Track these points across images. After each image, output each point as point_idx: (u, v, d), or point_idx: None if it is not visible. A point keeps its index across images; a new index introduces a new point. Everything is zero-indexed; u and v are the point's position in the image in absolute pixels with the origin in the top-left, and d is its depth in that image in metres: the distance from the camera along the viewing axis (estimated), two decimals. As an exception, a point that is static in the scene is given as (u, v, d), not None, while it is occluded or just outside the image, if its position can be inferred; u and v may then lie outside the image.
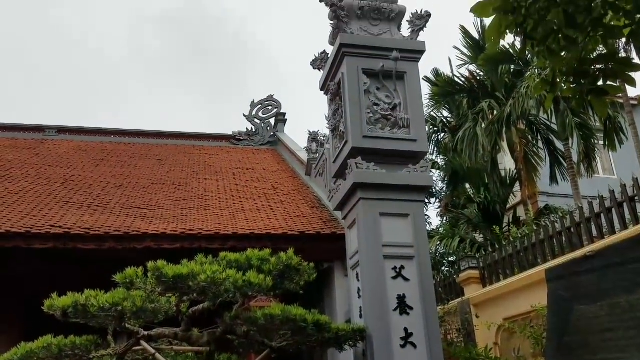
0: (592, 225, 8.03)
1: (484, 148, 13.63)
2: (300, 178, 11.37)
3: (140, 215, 7.93)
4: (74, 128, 13.50)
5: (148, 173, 10.78)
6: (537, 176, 15.09)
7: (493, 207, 14.84)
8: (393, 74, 6.75)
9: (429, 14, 6.95)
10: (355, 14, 7.00)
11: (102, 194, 8.86)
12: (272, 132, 14.80)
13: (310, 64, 7.91)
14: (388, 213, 6.13)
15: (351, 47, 6.80)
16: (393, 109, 6.74)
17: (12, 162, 10.39)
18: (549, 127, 15.10)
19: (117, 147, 12.89)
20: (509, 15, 3.34)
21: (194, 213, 8.47)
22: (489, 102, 14.46)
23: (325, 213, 8.90)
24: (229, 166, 12.21)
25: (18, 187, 8.72)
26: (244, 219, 8.38)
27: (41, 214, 7.48)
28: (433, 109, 17.07)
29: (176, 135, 14.54)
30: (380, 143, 6.52)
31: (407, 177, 6.32)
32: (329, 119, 7.49)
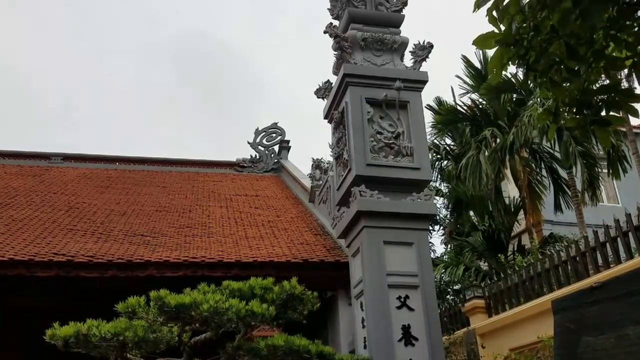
0: (597, 254, 7.97)
1: (488, 176, 13.63)
2: (303, 205, 11.37)
3: (143, 243, 7.92)
4: (79, 155, 13.60)
5: (152, 200, 10.80)
6: (541, 204, 15.04)
7: (497, 235, 14.76)
8: (396, 103, 6.83)
9: (431, 45, 7.06)
10: (359, 44, 7.11)
11: (106, 222, 8.87)
12: (276, 159, 14.87)
13: (314, 93, 8.00)
14: (392, 241, 6.12)
15: (354, 77, 6.89)
16: (396, 138, 6.80)
17: (17, 189, 10.45)
18: (553, 156, 15.12)
19: (121, 174, 12.95)
20: (510, 48, 3.38)
21: (197, 240, 8.45)
22: (492, 130, 14.52)
23: (329, 240, 8.86)
24: (232, 193, 12.23)
25: (23, 215, 8.74)
26: (247, 246, 8.35)
27: (45, 241, 7.48)
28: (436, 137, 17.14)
29: (181, 162, 14.62)
30: (384, 171, 6.55)
31: (411, 205, 6.33)
32: (333, 147, 7.55)
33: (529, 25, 3.32)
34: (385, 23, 7.24)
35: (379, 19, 7.23)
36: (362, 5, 7.26)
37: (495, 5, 3.32)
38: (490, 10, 3.34)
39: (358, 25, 7.18)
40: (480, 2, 3.25)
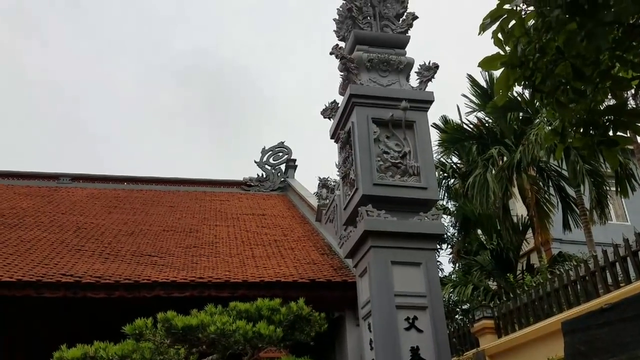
0: (607, 273, 7.90)
1: (495, 194, 13.58)
2: (310, 224, 11.36)
3: (150, 263, 7.93)
4: (87, 175, 13.70)
5: (159, 220, 10.83)
6: (549, 223, 14.93)
7: (506, 254, 14.65)
8: (402, 123, 6.86)
9: (437, 66, 7.10)
10: (365, 65, 7.17)
11: (114, 242, 8.89)
12: (283, 178, 14.90)
13: (321, 113, 8.06)
14: (400, 262, 6.09)
15: (361, 98, 6.94)
16: (403, 157, 6.81)
17: (26, 210, 10.52)
18: (560, 174, 15.06)
19: (129, 194, 13.02)
20: (516, 69, 3.40)
21: (204, 260, 8.45)
22: (499, 149, 14.50)
23: (336, 260, 8.83)
24: (239, 212, 12.25)
25: (31, 235, 8.79)
26: (254, 266, 8.34)
27: (53, 262, 7.50)
28: (442, 155, 17.13)
29: (188, 181, 14.68)
30: (391, 191, 6.55)
31: (419, 225, 6.31)
32: (340, 167, 7.57)
33: (535, 47, 3.34)
34: (391, 44, 7.30)
35: (385, 40, 7.30)
36: (367, 27, 7.34)
37: (500, 28, 3.34)
38: (496, 32, 3.36)
39: (364, 46, 7.25)
40: (486, 25, 3.28)
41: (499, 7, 3.27)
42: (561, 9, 3.18)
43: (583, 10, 3.16)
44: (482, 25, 3.30)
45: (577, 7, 3.16)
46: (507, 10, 3.28)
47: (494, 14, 3.27)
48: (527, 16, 3.39)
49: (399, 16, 7.47)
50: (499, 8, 3.26)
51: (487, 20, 3.27)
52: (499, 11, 3.27)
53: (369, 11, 7.42)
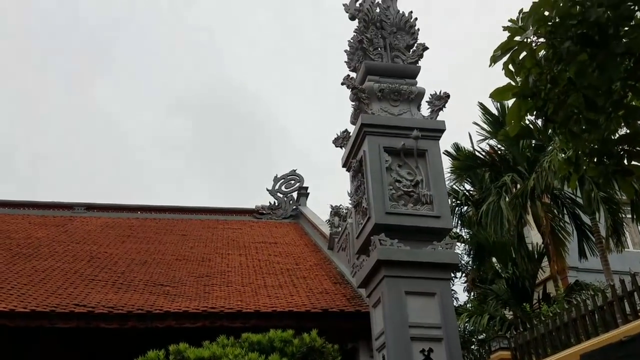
0: (625, 303, 7.74)
1: (509, 222, 13.45)
2: (322, 252, 11.30)
3: (163, 293, 7.92)
4: (102, 205, 13.82)
5: (172, 249, 10.85)
6: (565, 251, 14.72)
7: (522, 282, 14.42)
8: (414, 151, 6.86)
9: (448, 95, 7.14)
10: (376, 95, 7.23)
11: (127, 271, 8.91)
12: (295, 206, 14.91)
13: (333, 142, 8.10)
14: (414, 292, 6.02)
15: (372, 127, 6.97)
16: (415, 186, 6.79)
17: (40, 239, 10.60)
18: (575, 201, 14.90)
19: (143, 222, 13.09)
20: (528, 100, 3.41)
21: (216, 290, 8.42)
22: (512, 176, 14.43)
23: (349, 289, 8.75)
24: (251, 240, 12.24)
25: (45, 265, 8.84)
26: (266, 295, 8.29)
27: (66, 292, 7.53)
28: (455, 183, 17.06)
29: (201, 210, 14.75)
30: (404, 219, 6.52)
31: (432, 254, 6.25)
32: (352, 195, 7.56)
33: (546, 78, 3.35)
34: (402, 75, 7.37)
35: (395, 70, 7.37)
36: (378, 58, 7.43)
37: (511, 60, 3.37)
38: (507, 64, 3.39)
39: (375, 77, 7.32)
40: (496, 57, 3.30)
41: (509, 39, 3.29)
42: (572, 40, 3.20)
43: (594, 41, 3.18)
44: (493, 57, 3.33)
45: (587, 38, 3.18)
46: (517, 42, 3.30)
47: (504, 46, 3.30)
48: (537, 47, 3.41)
49: (409, 47, 7.55)
50: (509, 40, 3.29)
51: (497, 53, 3.29)
52: (510, 43, 3.30)
53: (380, 42, 7.51)
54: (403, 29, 7.63)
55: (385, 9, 7.80)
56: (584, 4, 3.19)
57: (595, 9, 3.14)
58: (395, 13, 7.76)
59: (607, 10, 3.12)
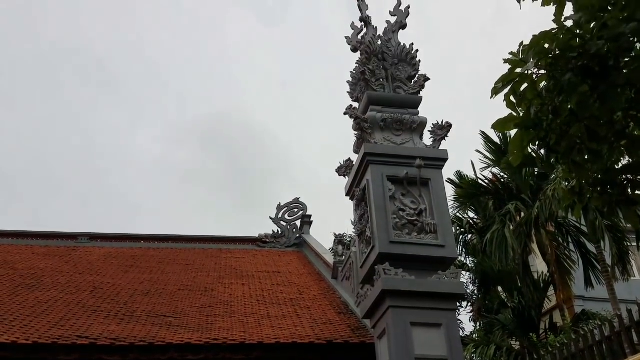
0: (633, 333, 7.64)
1: (514, 250, 13.38)
2: (326, 281, 11.21)
3: (165, 324, 7.84)
4: (105, 235, 13.80)
5: (175, 279, 10.78)
6: (571, 280, 14.60)
7: (528, 312, 14.26)
8: (417, 180, 6.88)
9: (450, 125, 7.20)
10: (378, 125, 7.29)
11: (130, 302, 8.84)
12: (298, 234, 14.86)
13: (336, 171, 8.14)
14: (419, 322, 5.95)
15: (375, 156, 7.01)
16: (419, 215, 6.79)
17: (44, 270, 10.56)
18: (579, 229, 14.84)
19: (146, 252, 13.04)
20: (530, 131, 3.44)
21: (219, 320, 8.33)
22: (516, 204, 14.40)
23: (353, 320, 8.65)
24: (254, 269, 12.16)
25: (48, 296, 8.79)
26: (270, 326, 8.20)
27: (69, 323, 7.46)
28: (458, 211, 17.03)
29: (204, 239, 14.69)
30: (408, 249, 6.49)
31: (438, 284, 6.21)
32: (355, 224, 7.56)
33: (548, 109, 3.40)
34: (404, 105, 7.45)
35: (398, 101, 7.46)
36: (380, 88, 7.53)
37: (512, 91, 3.42)
38: (508, 95, 3.43)
39: (377, 107, 7.40)
40: (498, 89, 3.35)
41: (510, 71, 3.35)
42: (573, 72, 3.25)
43: (594, 73, 3.23)
44: (494, 89, 3.38)
45: (588, 70, 3.23)
46: (519, 74, 3.36)
47: (505, 78, 3.35)
48: (538, 79, 3.46)
49: (410, 78, 7.66)
50: (510, 72, 3.34)
51: (499, 85, 3.34)
52: (511, 75, 3.35)
53: (382, 74, 7.63)
54: (404, 61, 7.75)
55: (386, 41, 7.93)
56: (584, 37, 3.25)
57: (595, 41, 3.19)
58: (396, 45, 7.89)
59: (607, 43, 3.18)
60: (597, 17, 3.23)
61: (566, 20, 3.33)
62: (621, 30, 3.09)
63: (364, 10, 8.31)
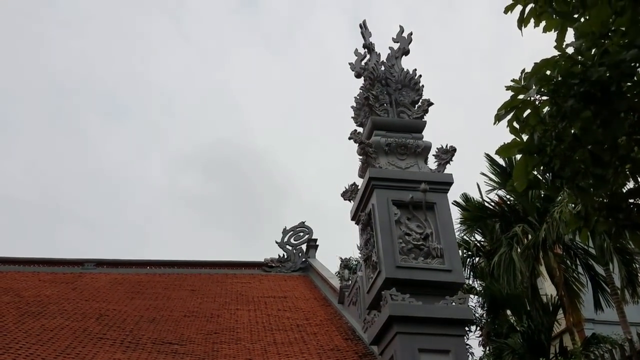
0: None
1: (522, 273, 13.25)
2: (332, 306, 11.12)
3: (171, 352, 7.78)
4: (111, 261, 13.78)
5: (180, 305, 10.73)
6: (580, 302, 14.43)
7: (537, 336, 14.05)
8: (422, 204, 6.88)
9: (454, 149, 7.23)
10: (383, 149, 7.33)
11: (135, 329, 8.79)
12: (304, 258, 14.79)
13: (341, 195, 8.15)
14: (427, 349, 5.89)
15: (380, 180, 7.03)
16: (425, 239, 6.77)
17: (50, 297, 10.54)
18: (587, 252, 14.71)
19: (152, 278, 13.00)
20: (534, 156, 3.46)
21: (224, 348, 8.26)
22: (522, 227, 14.32)
23: (361, 346, 8.55)
24: (260, 295, 12.08)
25: (54, 324, 8.75)
26: (276, 353, 8.11)
27: (74, 352, 7.42)
28: (465, 233, 16.94)
29: (209, 264, 14.64)
30: (415, 273, 6.46)
31: (445, 309, 6.15)
32: (361, 249, 7.54)
33: (551, 135, 3.42)
34: (408, 129, 7.50)
35: (402, 125, 7.51)
36: (384, 113, 7.59)
37: (515, 117, 3.44)
38: (511, 121, 3.46)
39: (381, 131, 7.45)
40: (500, 116, 3.38)
41: (513, 98, 3.38)
42: (575, 98, 3.28)
43: (597, 99, 3.26)
44: (497, 116, 3.40)
45: (590, 96, 3.26)
46: (521, 100, 3.39)
47: (508, 104, 3.39)
48: (541, 104, 3.49)
49: (414, 103, 7.72)
50: (513, 99, 3.38)
51: (502, 111, 3.37)
52: (514, 102, 3.38)
53: (385, 99, 7.70)
54: (408, 86, 7.82)
55: (389, 67, 8.03)
56: (585, 63, 3.29)
57: (597, 68, 3.23)
58: (399, 71, 7.98)
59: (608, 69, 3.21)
60: (598, 43, 3.27)
61: (567, 47, 3.37)
62: (622, 57, 3.13)
63: (367, 37, 8.43)
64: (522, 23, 3.49)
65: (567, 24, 3.43)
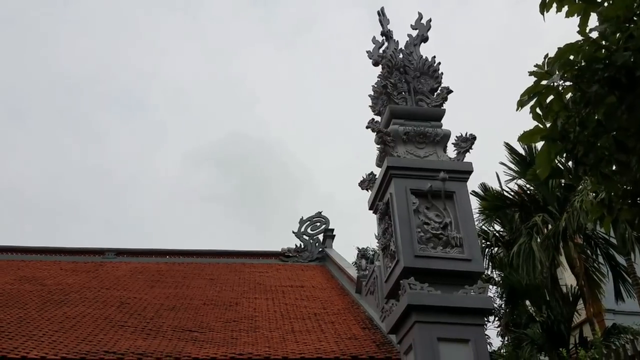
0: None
1: (542, 263, 13.10)
2: (350, 296, 11.15)
3: (191, 339, 7.88)
4: (131, 250, 13.99)
5: (200, 293, 10.85)
6: (600, 293, 14.25)
7: (557, 326, 13.90)
8: (441, 193, 6.82)
9: (474, 137, 7.14)
10: (401, 138, 7.27)
11: (156, 317, 8.92)
12: (321, 248, 14.83)
13: (359, 185, 8.13)
14: (447, 338, 5.87)
15: (398, 169, 6.98)
16: (444, 228, 6.72)
17: (71, 285, 10.74)
18: (608, 241, 14.48)
19: (171, 267, 13.16)
20: (557, 143, 3.40)
21: (243, 335, 8.34)
22: (542, 216, 14.14)
23: (378, 335, 8.57)
24: (278, 284, 12.16)
25: (76, 312, 8.92)
26: (294, 341, 8.17)
27: (96, 339, 7.55)
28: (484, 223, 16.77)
29: (228, 253, 14.78)
30: (433, 263, 6.43)
31: (465, 299, 6.12)
32: (379, 238, 7.52)
33: (575, 121, 3.35)
34: (426, 117, 7.43)
35: (420, 114, 7.44)
36: (402, 102, 7.51)
37: (538, 103, 3.38)
38: (534, 107, 3.39)
39: (400, 120, 7.38)
40: (523, 102, 3.32)
41: (536, 83, 3.32)
42: (599, 83, 3.21)
43: (621, 84, 3.18)
44: (519, 102, 3.34)
45: (615, 81, 3.19)
46: (544, 86, 3.32)
47: (531, 90, 3.32)
48: (564, 90, 3.42)
49: (433, 90, 7.63)
50: (536, 85, 3.31)
51: (524, 97, 3.31)
52: (537, 87, 3.32)
53: (404, 87, 7.62)
54: (427, 74, 7.73)
55: (408, 55, 7.94)
56: (610, 48, 3.21)
57: (621, 52, 3.15)
58: (418, 58, 7.89)
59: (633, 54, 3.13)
60: (623, 28, 3.18)
61: (591, 31, 3.29)
62: (647, 41, 3.05)
63: (384, 24, 8.34)
64: (544, 8, 3.42)
65: (590, 8, 3.35)
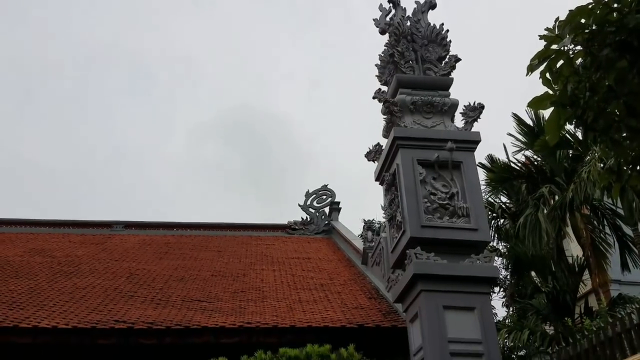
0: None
1: (548, 234, 13.09)
2: (356, 267, 11.24)
3: (200, 309, 8.00)
4: (139, 223, 14.12)
5: (208, 265, 10.97)
6: (606, 263, 14.26)
7: (562, 296, 13.97)
8: (449, 164, 6.78)
9: (482, 106, 7.06)
10: (408, 108, 7.20)
11: (165, 288, 9.05)
12: (327, 221, 14.90)
13: (365, 156, 8.08)
14: (452, 306, 5.91)
15: (405, 140, 6.93)
16: (451, 198, 6.70)
17: (81, 257, 10.88)
18: (615, 212, 14.43)
19: (179, 239, 13.29)
20: (567, 108, 3.35)
21: (251, 305, 8.46)
22: (549, 187, 14.08)
23: (384, 304, 8.67)
24: (284, 256, 12.27)
25: (86, 282, 9.06)
26: (301, 310, 8.28)
27: (106, 309, 7.68)
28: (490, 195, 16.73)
29: (234, 226, 14.90)
30: (440, 233, 6.43)
31: (471, 268, 6.14)
32: (385, 209, 7.51)
33: (585, 86, 3.29)
34: (434, 87, 7.32)
35: (428, 83, 7.33)
36: (410, 71, 7.41)
37: (548, 68, 3.32)
38: (544, 72, 3.33)
39: (407, 89, 7.29)
40: (534, 66, 3.26)
41: (546, 47, 3.25)
42: (610, 47, 3.14)
43: (633, 48, 3.11)
44: (529, 66, 3.29)
45: (626, 45, 3.12)
46: (554, 50, 3.25)
47: (541, 54, 3.26)
48: (575, 55, 3.35)
49: (441, 59, 7.51)
50: (546, 49, 3.25)
51: (535, 61, 3.25)
52: (547, 52, 3.25)
53: (411, 55, 7.50)
54: (434, 41, 7.60)
55: (415, 22, 7.80)
56: (622, 11, 3.13)
57: (634, 15, 3.07)
58: (426, 26, 7.74)
59: (646, 16, 3.06)
60: (636, -11, 3.11)
61: (603, -6, 3.22)
62: (662, 3, 2.97)
63: (392, -9, 8.17)
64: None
65: (603, -30, 3.26)
